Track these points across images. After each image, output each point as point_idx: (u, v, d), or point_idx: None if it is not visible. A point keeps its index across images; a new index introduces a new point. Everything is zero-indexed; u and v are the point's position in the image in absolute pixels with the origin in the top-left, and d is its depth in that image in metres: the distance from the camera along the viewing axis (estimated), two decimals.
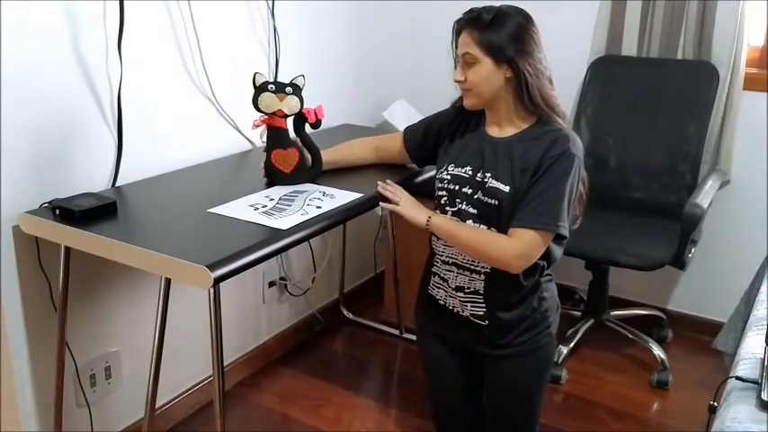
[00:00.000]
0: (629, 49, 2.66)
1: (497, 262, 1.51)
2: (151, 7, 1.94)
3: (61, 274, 1.75)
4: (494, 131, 1.57)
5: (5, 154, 1.65)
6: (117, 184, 1.90)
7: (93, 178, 1.86)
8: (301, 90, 1.80)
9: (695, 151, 2.54)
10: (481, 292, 1.57)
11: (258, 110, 1.79)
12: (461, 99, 1.59)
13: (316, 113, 1.83)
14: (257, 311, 2.56)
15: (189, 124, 2.12)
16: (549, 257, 1.56)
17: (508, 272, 1.51)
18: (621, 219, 2.59)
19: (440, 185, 1.60)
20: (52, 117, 1.74)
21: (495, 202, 1.50)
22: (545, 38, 1.52)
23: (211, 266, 1.37)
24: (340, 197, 1.77)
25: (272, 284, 2.58)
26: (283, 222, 1.60)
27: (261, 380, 2.52)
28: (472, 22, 1.49)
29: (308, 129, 1.86)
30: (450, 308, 1.65)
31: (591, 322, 2.67)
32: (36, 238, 1.71)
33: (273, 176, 1.86)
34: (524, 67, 1.47)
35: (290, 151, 1.84)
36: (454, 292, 1.61)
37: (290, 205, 1.71)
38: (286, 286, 2.64)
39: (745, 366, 1.27)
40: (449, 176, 1.58)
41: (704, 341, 2.54)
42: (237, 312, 2.46)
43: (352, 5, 2.72)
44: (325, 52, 2.64)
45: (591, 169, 1.66)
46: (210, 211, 1.67)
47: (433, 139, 1.72)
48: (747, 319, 1.61)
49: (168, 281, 1.57)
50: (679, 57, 2.59)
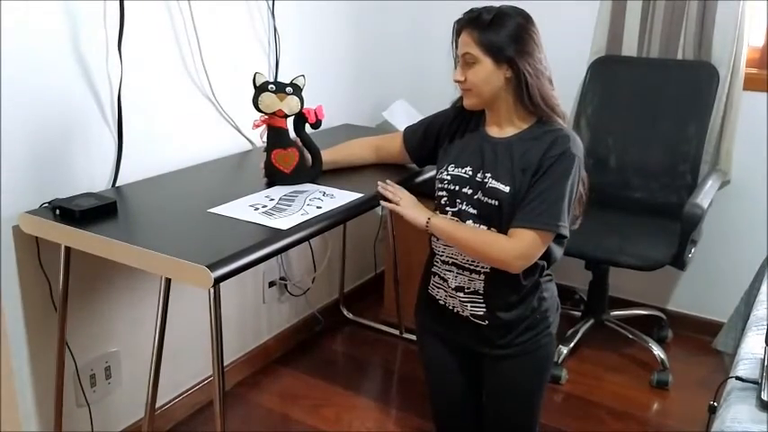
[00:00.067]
0: (629, 49, 2.66)
1: (497, 262, 1.51)
2: (151, 7, 1.94)
3: (61, 273, 1.75)
4: (494, 131, 1.57)
5: (6, 154, 1.65)
6: (117, 184, 1.90)
7: (93, 178, 1.86)
8: (301, 90, 1.80)
9: (695, 151, 2.54)
10: (481, 292, 1.57)
11: (258, 110, 1.79)
12: (461, 99, 1.59)
13: (316, 113, 1.83)
14: (257, 311, 2.56)
15: (189, 124, 2.12)
16: (549, 257, 1.56)
17: (508, 272, 1.51)
18: (621, 219, 2.59)
19: (440, 186, 1.60)
20: (52, 117, 1.74)
21: (496, 202, 1.50)
22: (545, 38, 1.52)
23: (211, 266, 1.38)
24: (340, 197, 1.77)
25: (272, 284, 2.58)
26: (283, 222, 1.60)
27: (261, 380, 2.52)
28: (472, 22, 1.49)
29: (308, 129, 1.86)
30: (450, 308, 1.65)
31: (591, 322, 2.67)
32: (36, 237, 1.71)
33: (273, 176, 1.86)
34: (524, 68, 1.47)
35: (291, 151, 1.84)
36: (454, 292, 1.61)
37: (290, 205, 1.71)
38: (286, 286, 2.64)
39: (745, 366, 1.27)
40: (449, 177, 1.58)
41: (704, 341, 2.54)
42: (237, 312, 2.46)
43: (352, 5, 2.72)
44: (326, 52, 2.64)
45: (591, 169, 1.67)
46: (210, 211, 1.67)
47: (433, 140, 1.72)
48: (747, 319, 1.61)
49: (168, 281, 1.57)
50: (679, 57, 2.59)
